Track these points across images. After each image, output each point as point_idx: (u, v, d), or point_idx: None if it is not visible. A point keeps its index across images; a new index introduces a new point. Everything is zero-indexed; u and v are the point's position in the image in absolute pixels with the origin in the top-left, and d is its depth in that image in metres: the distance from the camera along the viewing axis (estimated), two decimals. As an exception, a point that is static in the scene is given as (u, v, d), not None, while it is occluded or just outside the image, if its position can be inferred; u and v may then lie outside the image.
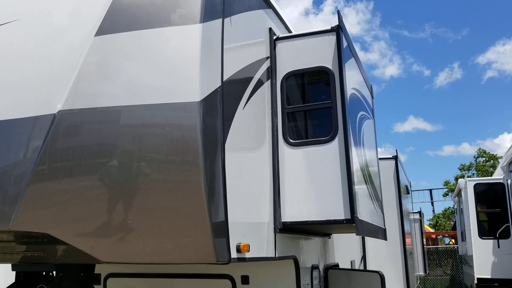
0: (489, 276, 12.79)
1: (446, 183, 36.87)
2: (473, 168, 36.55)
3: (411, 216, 12.32)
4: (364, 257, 8.43)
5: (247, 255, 3.35)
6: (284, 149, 4.23)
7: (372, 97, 6.21)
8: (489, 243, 12.89)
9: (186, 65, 3.02)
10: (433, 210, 43.36)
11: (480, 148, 37.42)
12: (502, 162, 13.39)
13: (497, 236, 12.74)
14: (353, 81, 4.66)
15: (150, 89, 3.02)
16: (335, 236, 6.40)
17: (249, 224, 3.63)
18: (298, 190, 4.12)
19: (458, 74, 65.51)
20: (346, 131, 4.03)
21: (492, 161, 35.18)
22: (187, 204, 2.91)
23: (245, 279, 4.52)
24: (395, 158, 8.75)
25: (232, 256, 3.10)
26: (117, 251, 2.92)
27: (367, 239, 8.51)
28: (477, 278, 12.89)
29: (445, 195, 37.07)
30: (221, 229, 2.99)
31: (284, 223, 4.07)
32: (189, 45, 3.04)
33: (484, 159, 36.49)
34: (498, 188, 13.15)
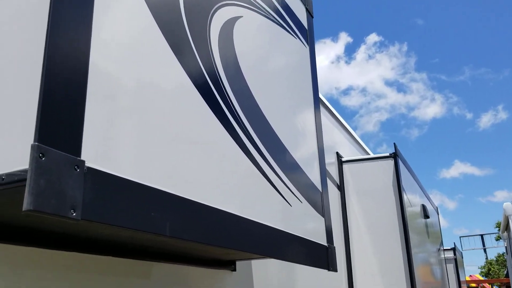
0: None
1: (498, 225, 32.52)
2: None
3: (441, 255, 8.99)
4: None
5: None
6: None
7: (312, 15, 3.46)
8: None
9: None
10: (486, 258, 38.75)
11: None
12: None
13: None
14: None
15: None
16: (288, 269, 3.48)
17: None
18: None
19: (504, 115, 61.21)
20: None
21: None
22: None
23: None
24: (394, 156, 5.72)
25: None
26: None
27: (359, 281, 5.44)
28: None
29: (498, 238, 32.72)
30: None
31: None
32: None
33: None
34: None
